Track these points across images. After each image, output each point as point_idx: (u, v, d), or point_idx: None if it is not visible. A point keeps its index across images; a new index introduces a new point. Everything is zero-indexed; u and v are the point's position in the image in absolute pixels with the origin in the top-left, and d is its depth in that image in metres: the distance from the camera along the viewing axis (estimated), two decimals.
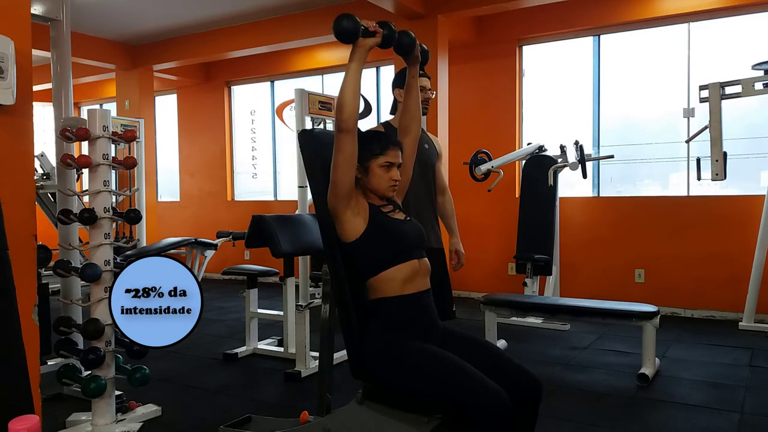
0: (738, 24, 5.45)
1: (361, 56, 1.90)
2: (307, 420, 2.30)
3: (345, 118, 1.85)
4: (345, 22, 1.84)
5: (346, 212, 1.92)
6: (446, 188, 3.30)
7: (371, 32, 1.89)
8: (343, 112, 1.85)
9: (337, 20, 1.85)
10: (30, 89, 2.47)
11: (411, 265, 1.95)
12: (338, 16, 1.85)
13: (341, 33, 1.86)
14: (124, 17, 6.76)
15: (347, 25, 1.84)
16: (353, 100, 1.86)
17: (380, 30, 1.91)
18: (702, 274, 5.46)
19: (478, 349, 1.94)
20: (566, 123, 6.27)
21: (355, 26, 1.85)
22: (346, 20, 1.84)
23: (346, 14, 1.86)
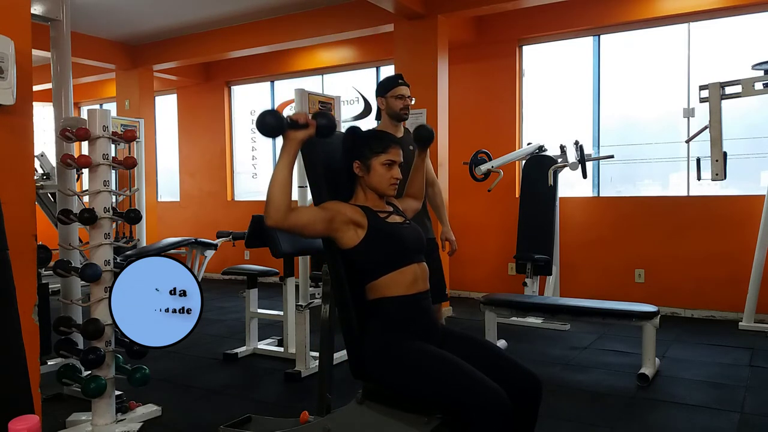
0: (738, 24, 5.45)
1: (290, 149, 1.86)
2: (307, 420, 2.30)
3: (270, 215, 1.82)
4: (268, 118, 1.82)
5: (335, 234, 1.94)
6: (435, 181, 3.48)
7: (302, 124, 1.85)
8: (270, 207, 1.82)
9: (260, 116, 1.82)
10: (30, 89, 2.47)
11: (411, 269, 1.96)
12: (261, 113, 1.83)
13: (264, 129, 1.82)
14: (124, 17, 6.76)
15: (270, 121, 1.81)
16: (280, 196, 1.82)
17: (312, 122, 1.88)
18: (702, 274, 5.46)
19: (478, 349, 1.94)
20: (566, 123, 6.27)
21: (278, 122, 1.82)
22: (269, 116, 1.82)
23: (269, 111, 1.85)
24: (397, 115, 3.12)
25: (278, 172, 1.84)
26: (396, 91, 3.10)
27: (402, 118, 3.14)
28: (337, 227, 1.92)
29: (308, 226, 1.88)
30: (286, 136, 1.85)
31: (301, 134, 1.86)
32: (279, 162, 1.86)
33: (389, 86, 3.12)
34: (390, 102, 3.11)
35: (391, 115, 3.13)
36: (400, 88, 3.11)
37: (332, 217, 1.91)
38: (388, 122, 3.16)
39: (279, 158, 1.87)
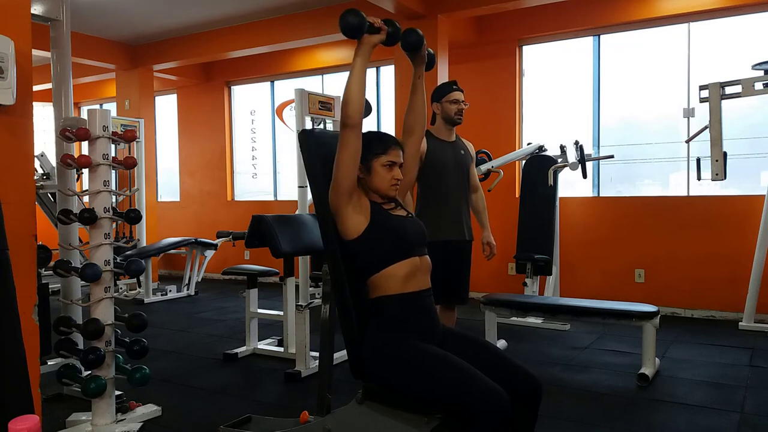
0: (738, 24, 5.45)
1: (365, 52, 1.92)
2: (307, 420, 2.30)
3: (351, 114, 1.88)
4: (351, 18, 1.86)
5: (347, 209, 1.92)
6: (479, 187, 3.65)
7: (376, 29, 1.92)
8: (349, 107, 1.88)
9: (343, 16, 1.87)
10: (30, 89, 2.47)
11: (412, 262, 1.95)
12: (344, 12, 1.87)
13: (347, 28, 1.87)
14: (124, 17, 6.76)
15: (353, 21, 1.86)
16: (359, 95, 1.88)
17: (385, 27, 1.94)
18: (702, 274, 5.46)
19: (478, 349, 1.94)
20: (566, 123, 6.27)
21: (361, 22, 1.87)
22: (353, 16, 1.86)
23: (352, 9, 1.89)
24: (451, 120, 3.29)
25: (357, 73, 1.90)
26: (451, 96, 3.27)
27: (456, 122, 3.31)
28: (354, 201, 1.93)
29: (356, 157, 1.91)
30: (362, 40, 1.91)
31: (375, 38, 1.93)
32: (356, 65, 1.90)
33: (445, 92, 3.28)
34: (445, 107, 3.27)
35: (446, 119, 3.29)
36: (455, 93, 3.28)
37: (356, 185, 1.94)
38: (442, 126, 3.32)
39: (355, 63, 1.91)
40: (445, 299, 3.32)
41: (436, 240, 2.98)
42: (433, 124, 3.35)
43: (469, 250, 3.46)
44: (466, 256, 3.42)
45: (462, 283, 3.43)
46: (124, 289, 7.02)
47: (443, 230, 3.24)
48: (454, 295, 3.39)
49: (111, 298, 2.86)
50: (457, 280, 3.37)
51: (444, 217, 3.29)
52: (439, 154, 3.26)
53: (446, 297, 3.30)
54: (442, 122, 3.32)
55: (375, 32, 1.92)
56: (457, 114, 3.31)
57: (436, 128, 3.34)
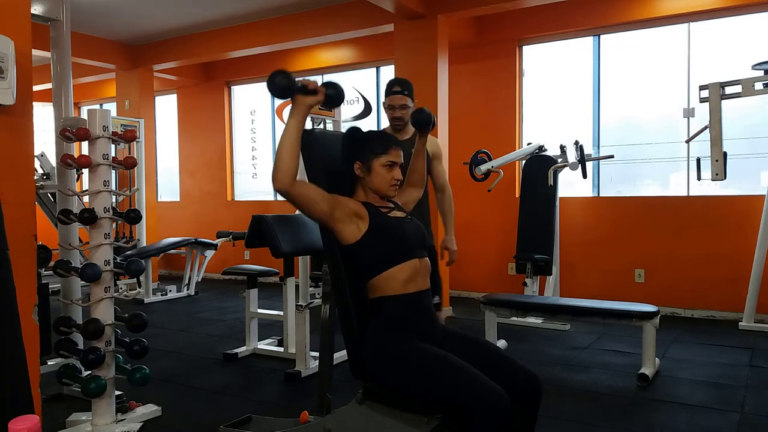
0: (738, 24, 5.45)
1: (299, 113, 1.85)
2: (307, 420, 2.30)
3: (278, 178, 1.82)
4: (279, 79, 1.81)
5: (336, 225, 1.93)
6: (445, 186, 3.28)
7: (311, 90, 1.85)
8: (277, 171, 1.82)
9: (271, 76, 1.82)
10: (30, 89, 2.47)
11: (412, 264, 1.95)
12: (273, 73, 1.83)
13: (275, 89, 1.82)
14: (124, 17, 6.76)
15: (281, 82, 1.81)
16: (288, 160, 1.82)
17: (322, 89, 1.88)
18: (702, 274, 5.46)
19: (478, 349, 1.94)
20: (566, 123, 6.27)
21: (289, 83, 1.81)
22: (280, 77, 1.81)
23: (280, 71, 1.83)
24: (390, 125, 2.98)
25: (286, 135, 1.84)
26: (388, 100, 2.98)
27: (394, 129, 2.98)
28: (339, 218, 1.91)
29: (313, 201, 1.87)
30: (295, 100, 1.85)
31: (310, 100, 1.86)
32: (287, 125, 1.85)
33: (385, 93, 2.96)
34: (385, 110, 2.98)
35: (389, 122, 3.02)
36: (393, 98, 2.94)
37: (336, 205, 1.91)
38: (390, 126, 3.08)
39: (287, 121, 1.86)
40: None
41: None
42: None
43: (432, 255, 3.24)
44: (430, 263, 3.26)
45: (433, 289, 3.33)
46: (124, 289, 7.02)
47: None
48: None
49: (111, 298, 2.86)
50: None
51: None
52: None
53: None
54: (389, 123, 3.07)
55: (310, 93, 1.85)
56: (395, 121, 2.93)
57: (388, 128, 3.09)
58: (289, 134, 1.84)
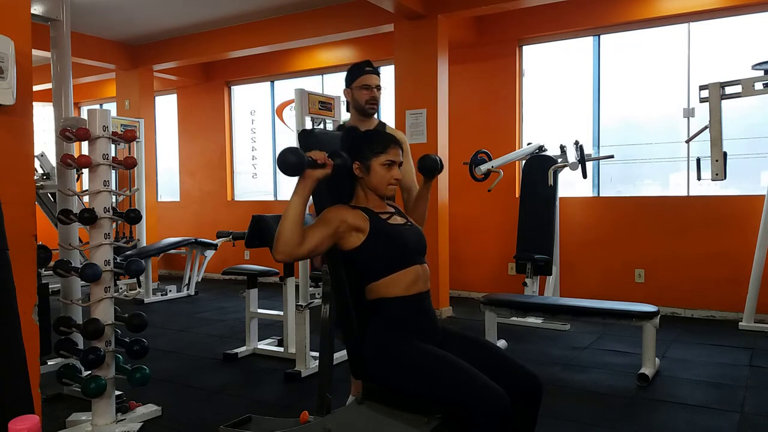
0: (738, 24, 5.45)
1: (306, 186, 1.87)
2: (307, 420, 2.30)
3: (280, 250, 1.84)
4: (289, 157, 1.81)
5: (339, 242, 1.94)
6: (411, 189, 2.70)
7: (320, 165, 1.86)
8: (278, 242, 1.84)
9: (281, 154, 1.82)
10: (30, 89, 2.47)
11: (413, 270, 1.96)
12: (282, 150, 1.83)
13: (285, 167, 1.82)
14: (124, 17, 6.76)
15: (291, 159, 1.81)
16: (291, 231, 1.83)
17: (330, 162, 1.88)
18: (702, 274, 5.46)
19: (478, 349, 1.94)
20: (566, 123, 6.27)
21: (299, 160, 1.82)
22: (290, 154, 1.82)
23: (290, 148, 1.84)
24: (362, 109, 2.71)
25: (292, 209, 1.85)
26: (362, 80, 2.69)
27: (367, 112, 2.73)
28: (341, 236, 1.93)
29: (317, 249, 1.89)
30: (304, 174, 1.85)
31: (318, 173, 1.86)
32: (293, 199, 1.86)
33: (355, 75, 2.70)
34: (356, 93, 2.71)
35: (357, 108, 2.74)
36: (367, 77, 2.69)
37: (336, 229, 1.91)
38: (355, 117, 2.77)
39: (294, 195, 1.86)
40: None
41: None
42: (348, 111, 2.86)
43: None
44: None
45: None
46: (124, 289, 7.02)
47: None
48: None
49: (111, 298, 2.86)
50: None
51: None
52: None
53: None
54: (354, 112, 2.76)
55: (319, 167, 1.86)
56: (369, 103, 2.70)
57: (351, 120, 2.80)
58: (294, 210, 1.85)
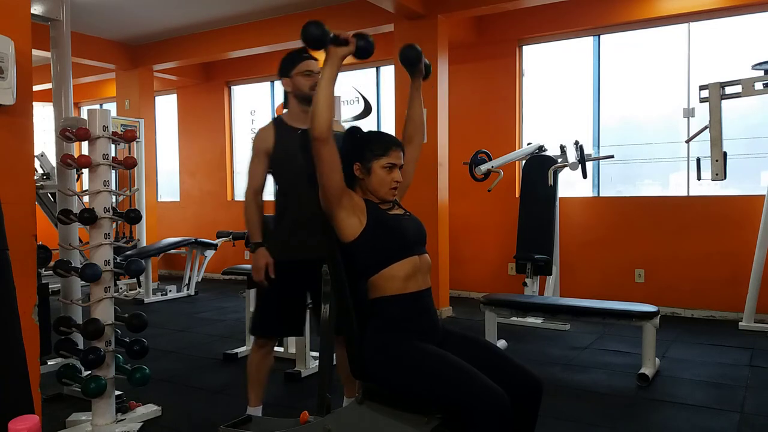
0: (738, 24, 5.45)
1: (333, 64, 1.87)
2: (307, 420, 2.30)
3: (317, 127, 1.84)
4: (313, 29, 1.82)
5: (340, 213, 1.91)
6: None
7: (343, 40, 1.86)
8: (316, 120, 1.84)
9: (304, 27, 1.84)
10: (30, 89, 2.47)
11: (412, 261, 1.95)
12: (306, 23, 1.85)
13: (309, 39, 1.84)
14: (124, 17, 6.76)
15: (315, 32, 1.82)
16: (326, 109, 1.85)
17: (353, 39, 1.89)
18: (702, 274, 5.46)
19: (478, 349, 1.94)
20: (566, 123, 6.27)
21: (323, 33, 1.83)
22: (314, 27, 1.83)
23: (313, 21, 1.85)
24: (306, 97, 2.47)
25: (323, 86, 1.86)
26: (303, 66, 2.52)
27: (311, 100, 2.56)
28: (345, 204, 1.92)
29: (337, 168, 1.89)
30: (328, 51, 1.87)
31: (342, 51, 1.88)
32: (323, 76, 1.87)
33: (294, 62, 2.54)
34: (297, 81, 2.52)
35: (299, 97, 2.54)
36: (308, 63, 2.53)
37: (345, 190, 1.92)
38: (297, 108, 2.57)
39: (323, 73, 1.88)
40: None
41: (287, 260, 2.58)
42: (286, 107, 2.64)
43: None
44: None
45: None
46: (124, 289, 7.02)
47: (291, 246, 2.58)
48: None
49: (111, 298, 2.86)
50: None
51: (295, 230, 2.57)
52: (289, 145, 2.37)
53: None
54: (296, 102, 2.56)
55: (342, 44, 1.87)
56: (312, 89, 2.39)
57: (290, 113, 2.60)
58: (326, 84, 1.87)
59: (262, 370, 2.75)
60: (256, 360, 2.75)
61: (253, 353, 2.77)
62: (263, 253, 2.55)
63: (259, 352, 2.76)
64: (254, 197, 2.61)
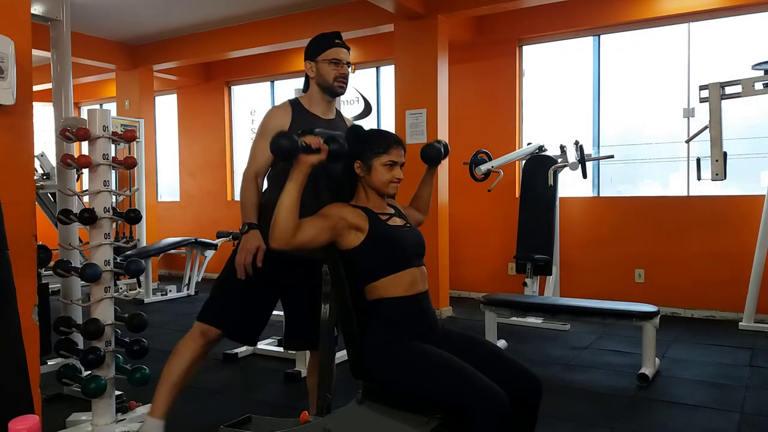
0: (738, 24, 5.45)
1: (301, 171, 1.87)
2: (307, 420, 2.30)
3: (276, 237, 1.83)
4: (282, 141, 1.82)
5: (339, 238, 1.94)
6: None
7: (314, 149, 1.86)
8: (275, 230, 1.83)
9: (273, 139, 1.83)
10: (30, 89, 2.47)
11: (410, 273, 1.96)
12: (275, 135, 1.85)
13: (278, 151, 1.83)
14: (124, 17, 6.76)
15: (284, 144, 1.82)
16: (287, 218, 1.83)
17: (325, 147, 1.88)
18: (702, 274, 5.46)
19: (477, 349, 1.94)
20: (566, 123, 6.27)
21: (293, 145, 1.82)
22: (283, 139, 1.82)
23: (282, 133, 1.87)
24: (330, 88, 2.36)
25: (287, 196, 1.84)
26: (331, 53, 2.32)
27: (336, 92, 2.39)
28: (339, 232, 1.93)
29: (313, 241, 1.89)
30: (299, 159, 1.86)
31: (313, 158, 1.87)
32: (288, 186, 1.85)
33: (323, 46, 2.34)
34: (322, 68, 2.33)
35: (322, 86, 2.35)
36: (337, 50, 2.33)
37: (335, 225, 1.91)
38: (317, 95, 2.39)
39: (289, 182, 1.86)
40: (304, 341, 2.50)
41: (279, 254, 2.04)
42: (305, 91, 2.43)
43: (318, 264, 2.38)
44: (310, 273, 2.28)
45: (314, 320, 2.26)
46: (124, 289, 7.02)
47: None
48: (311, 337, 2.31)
49: (111, 298, 2.86)
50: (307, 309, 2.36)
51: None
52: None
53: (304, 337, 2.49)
54: (318, 90, 2.37)
55: (314, 152, 1.86)
56: (339, 80, 2.33)
57: (309, 97, 2.39)
58: (289, 196, 1.84)
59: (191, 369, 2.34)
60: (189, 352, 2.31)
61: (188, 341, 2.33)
62: (256, 235, 2.25)
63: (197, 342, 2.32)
64: (254, 179, 2.34)
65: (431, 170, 2.35)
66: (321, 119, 2.36)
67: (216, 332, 2.34)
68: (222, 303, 2.39)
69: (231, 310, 2.38)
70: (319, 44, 2.35)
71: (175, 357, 2.34)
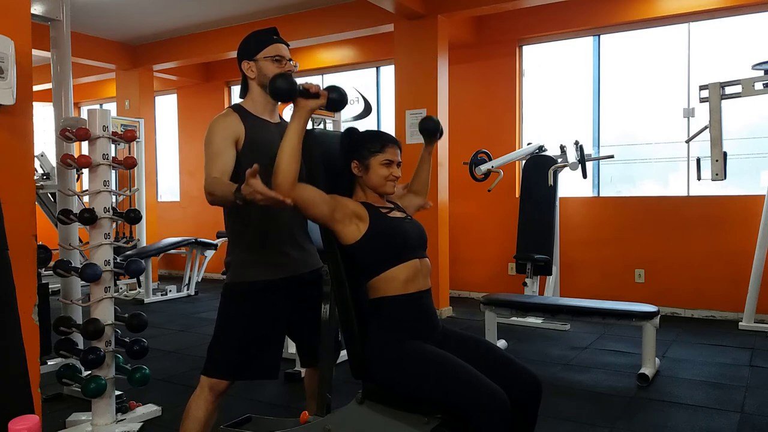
0: (738, 24, 5.45)
1: (300, 117, 1.83)
2: (307, 420, 2.30)
3: (279, 183, 1.80)
4: (280, 82, 1.79)
5: (336, 226, 1.92)
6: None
7: (313, 94, 1.82)
8: (277, 176, 1.81)
9: (272, 80, 1.82)
10: (30, 89, 2.47)
11: (413, 264, 1.95)
12: (274, 76, 1.84)
13: (276, 92, 1.81)
14: (124, 17, 6.76)
15: (281, 85, 1.79)
16: (288, 164, 1.81)
17: (324, 93, 1.86)
18: (702, 274, 5.46)
19: (478, 349, 1.94)
20: (566, 123, 6.27)
21: (290, 86, 1.79)
22: (281, 80, 1.80)
23: (282, 74, 1.85)
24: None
25: (288, 140, 1.82)
26: (271, 50, 2.13)
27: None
28: (339, 218, 1.91)
29: (313, 204, 1.86)
30: (297, 103, 1.83)
31: (312, 103, 1.84)
32: (289, 130, 1.84)
33: (261, 44, 2.15)
34: (263, 67, 2.13)
35: (264, 85, 2.10)
36: (277, 47, 2.15)
37: (335, 206, 1.90)
38: (261, 97, 2.17)
39: (289, 126, 1.84)
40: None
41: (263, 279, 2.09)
42: (242, 96, 2.24)
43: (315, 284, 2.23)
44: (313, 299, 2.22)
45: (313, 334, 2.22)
46: (124, 289, 7.02)
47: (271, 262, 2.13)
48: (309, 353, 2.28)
49: (111, 298, 2.87)
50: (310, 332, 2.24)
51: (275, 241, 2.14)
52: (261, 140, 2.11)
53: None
54: (260, 91, 2.16)
55: (312, 97, 1.83)
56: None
57: (252, 101, 2.19)
58: (291, 139, 1.83)
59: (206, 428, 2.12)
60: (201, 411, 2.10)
61: (198, 399, 2.11)
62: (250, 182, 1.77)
63: (207, 399, 2.11)
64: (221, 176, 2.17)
65: (429, 147, 2.30)
66: (270, 123, 2.19)
67: (225, 384, 2.14)
68: (225, 348, 2.14)
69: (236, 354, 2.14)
70: (257, 42, 2.17)
71: (188, 419, 2.11)
